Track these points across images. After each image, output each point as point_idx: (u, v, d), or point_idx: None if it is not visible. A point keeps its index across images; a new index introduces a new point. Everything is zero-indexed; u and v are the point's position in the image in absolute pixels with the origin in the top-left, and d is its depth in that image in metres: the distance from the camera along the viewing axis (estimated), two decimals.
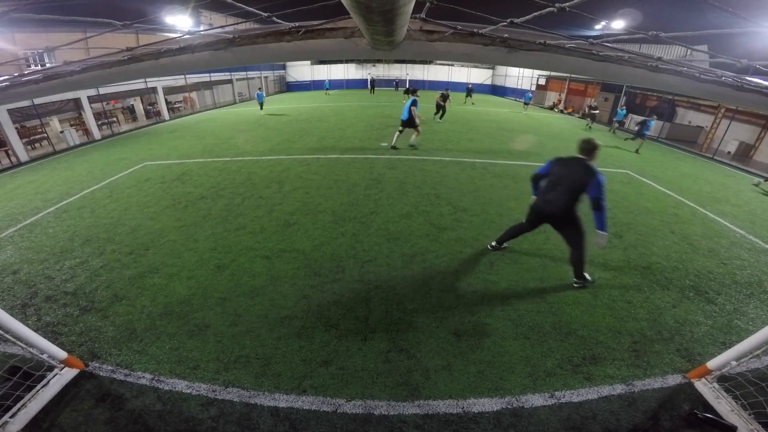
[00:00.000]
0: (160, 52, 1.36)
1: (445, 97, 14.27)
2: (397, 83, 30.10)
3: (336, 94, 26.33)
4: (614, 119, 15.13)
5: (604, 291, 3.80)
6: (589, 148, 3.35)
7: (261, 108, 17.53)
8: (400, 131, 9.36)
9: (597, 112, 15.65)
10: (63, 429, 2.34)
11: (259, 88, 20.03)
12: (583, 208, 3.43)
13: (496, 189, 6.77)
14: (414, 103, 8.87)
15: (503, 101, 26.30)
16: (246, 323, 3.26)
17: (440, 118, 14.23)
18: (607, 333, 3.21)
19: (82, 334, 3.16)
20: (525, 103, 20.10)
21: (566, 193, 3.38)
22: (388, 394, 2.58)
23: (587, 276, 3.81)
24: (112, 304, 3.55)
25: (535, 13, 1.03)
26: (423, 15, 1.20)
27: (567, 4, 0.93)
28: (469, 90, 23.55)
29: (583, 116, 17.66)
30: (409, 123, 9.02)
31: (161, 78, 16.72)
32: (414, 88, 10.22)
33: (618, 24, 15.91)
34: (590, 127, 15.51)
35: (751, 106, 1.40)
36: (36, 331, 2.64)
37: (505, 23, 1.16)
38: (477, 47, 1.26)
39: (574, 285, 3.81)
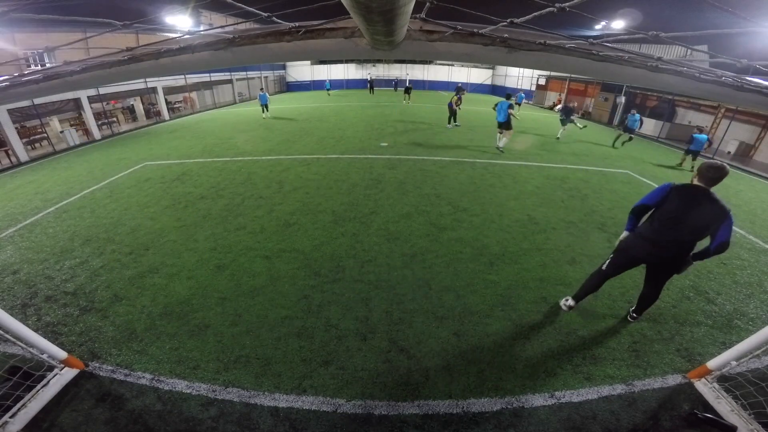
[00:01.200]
0: (160, 52, 1.35)
1: (459, 99, 13.01)
2: (396, 83, 29.96)
3: (336, 94, 26.27)
4: (626, 125, 11.10)
5: (604, 291, 3.79)
6: (718, 176, 2.53)
7: (265, 111, 15.42)
8: (500, 133, 9.55)
9: (561, 114, 11.66)
10: (63, 429, 2.34)
11: (261, 89, 17.44)
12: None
13: (496, 189, 6.77)
14: (510, 107, 9.19)
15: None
16: (246, 323, 3.26)
17: (454, 121, 13.27)
18: (607, 333, 3.21)
19: (82, 334, 3.16)
20: (517, 104, 19.74)
21: (691, 234, 2.62)
22: (388, 394, 2.58)
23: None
24: (112, 304, 3.55)
25: (535, 13, 1.03)
26: (423, 15, 1.20)
27: (567, 4, 0.93)
28: (458, 89, 23.63)
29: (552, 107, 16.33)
30: (506, 125, 9.27)
31: (161, 78, 16.73)
32: (508, 93, 10.01)
33: (618, 24, 15.92)
34: (558, 138, 11.83)
35: (751, 106, 1.40)
36: (36, 331, 2.64)
37: (505, 23, 1.16)
38: (477, 47, 1.26)
39: (631, 317, 3.35)
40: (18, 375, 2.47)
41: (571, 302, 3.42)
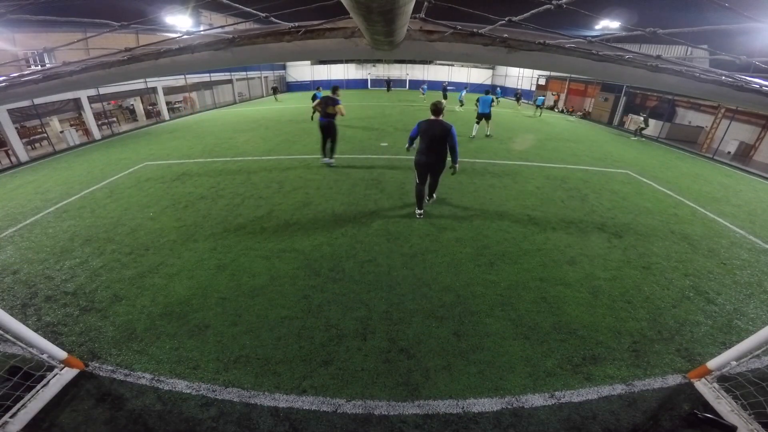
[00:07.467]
0: (160, 52, 1.36)
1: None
2: (388, 82, 29.50)
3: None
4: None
5: (604, 291, 3.79)
6: (438, 109, 4.57)
7: None
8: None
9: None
10: (63, 429, 2.34)
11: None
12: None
13: (496, 189, 6.77)
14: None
15: (503, 101, 26.25)
16: (246, 323, 3.26)
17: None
18: (607, 333, 3.21)
19: (82, 334, 3.16)
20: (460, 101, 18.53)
21: (440, 146, 4.71)
22: (388, 394, 2.58)
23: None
24: (112, 304, 3.55)
25: (533, 11, 1.03)
26: (423, 15, 1.20)
27: (564, 0, 0.93)
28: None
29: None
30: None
31: (161, 78, 16.71)
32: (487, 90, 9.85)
33: (616, 23, 15.91)
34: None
35: (751, 106, 1.40)
36: (36, 331, 2.64)
37: (503, 21, 1.16)
38: (477, 47, 1.26)
39: (428, 199, 5.71)
40: (18, 375, 2.47)
41: (420, 211, 5.37)
